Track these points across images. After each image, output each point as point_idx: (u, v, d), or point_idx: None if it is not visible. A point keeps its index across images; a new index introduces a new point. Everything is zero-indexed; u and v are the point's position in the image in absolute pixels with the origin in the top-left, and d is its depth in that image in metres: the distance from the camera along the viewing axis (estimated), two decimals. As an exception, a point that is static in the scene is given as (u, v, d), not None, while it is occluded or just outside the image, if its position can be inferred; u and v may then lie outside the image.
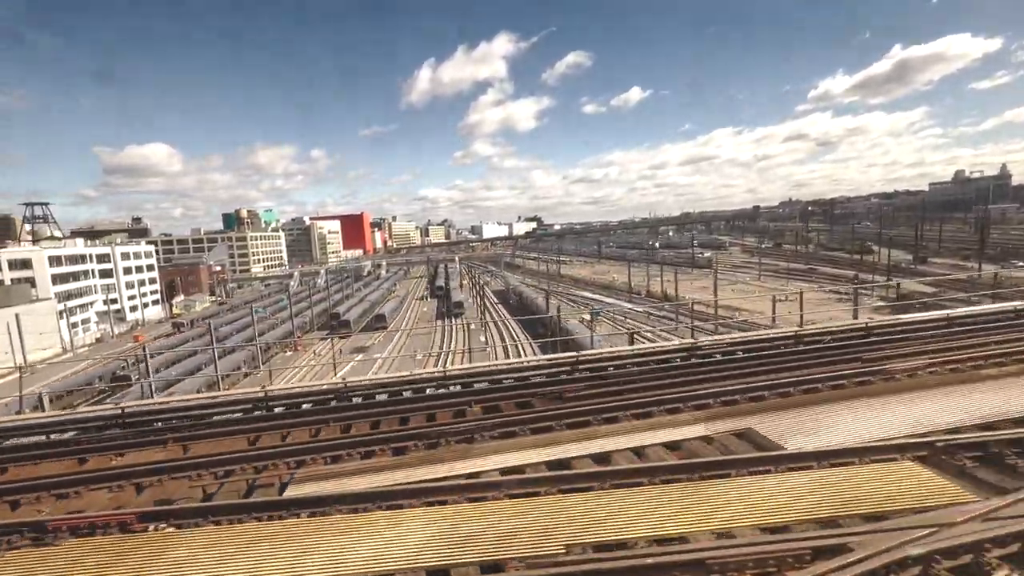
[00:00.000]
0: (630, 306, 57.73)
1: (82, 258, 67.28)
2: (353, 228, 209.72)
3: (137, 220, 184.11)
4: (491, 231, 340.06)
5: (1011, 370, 7.64)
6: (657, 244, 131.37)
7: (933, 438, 5.29)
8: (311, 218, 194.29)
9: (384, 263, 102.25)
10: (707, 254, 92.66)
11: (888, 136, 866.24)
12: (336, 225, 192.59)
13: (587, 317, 51.67)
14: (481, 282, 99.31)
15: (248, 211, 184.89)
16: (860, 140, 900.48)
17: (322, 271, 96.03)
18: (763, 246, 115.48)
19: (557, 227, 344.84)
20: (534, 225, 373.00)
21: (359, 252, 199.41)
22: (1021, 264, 58.91)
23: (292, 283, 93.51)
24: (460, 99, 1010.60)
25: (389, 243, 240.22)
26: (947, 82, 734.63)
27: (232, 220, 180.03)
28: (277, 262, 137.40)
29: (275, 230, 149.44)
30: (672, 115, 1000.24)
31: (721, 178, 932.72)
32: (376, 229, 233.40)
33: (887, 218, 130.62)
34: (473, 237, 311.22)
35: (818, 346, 10.08)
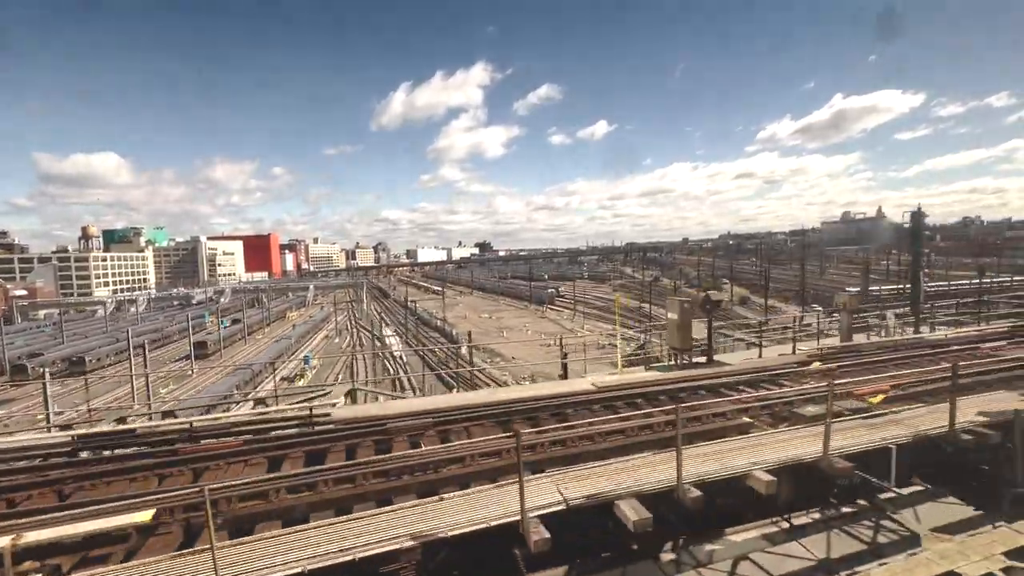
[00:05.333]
0: (398, 347, 51.82)
1: None
2: (259, 250, 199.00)
3: (2, 234, 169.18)
4: (428, 255, 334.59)
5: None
6: (547, 276, 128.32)
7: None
8: (209, 238, 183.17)
9: (228, 290, 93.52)
10: (561, 289, 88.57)
11: (826, 177, 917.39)
12: (234, 246, 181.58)
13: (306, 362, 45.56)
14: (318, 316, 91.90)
15: (133, 229, 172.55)
16: (801, 180, 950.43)
17: (142, 298, 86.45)
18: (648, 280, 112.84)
19: (502, 253, 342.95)
20: (475, 250, 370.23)
21: (264, 275, 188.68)
22: (819, 308, 56.40)
23: (100, 311, 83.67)
24: (432, 124, 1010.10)
25: (304, 266, 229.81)
26: (878, 131, 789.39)
27: (114, 236, 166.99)
28: (140, 285, 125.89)
29: (141, 249, 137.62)
30: (634, 149, 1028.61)
31: (676, 211, 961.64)
32: (289, 251, 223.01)
33: (782, 254, 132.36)
34: (407, 261, 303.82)
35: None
